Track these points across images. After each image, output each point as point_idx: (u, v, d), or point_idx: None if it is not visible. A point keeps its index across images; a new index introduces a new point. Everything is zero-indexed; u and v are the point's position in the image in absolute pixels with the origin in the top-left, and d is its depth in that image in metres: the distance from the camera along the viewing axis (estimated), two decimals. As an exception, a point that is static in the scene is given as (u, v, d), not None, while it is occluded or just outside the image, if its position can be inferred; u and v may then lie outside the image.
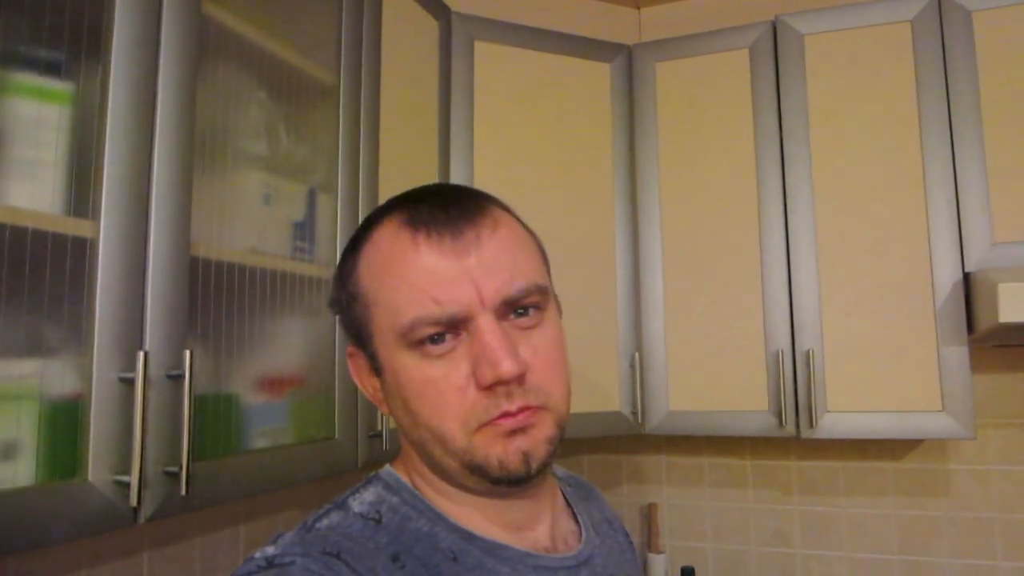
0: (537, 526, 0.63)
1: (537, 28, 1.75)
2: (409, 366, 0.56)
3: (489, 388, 0.54)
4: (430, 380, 0.56)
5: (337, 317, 0.65)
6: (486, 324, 0.55)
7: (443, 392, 0.55)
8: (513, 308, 0.57)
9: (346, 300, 0.61)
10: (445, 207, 0.57)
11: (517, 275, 0.56)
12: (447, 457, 0.57)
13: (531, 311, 0.58)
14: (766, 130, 1.72)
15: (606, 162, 1.80)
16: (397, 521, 0.59)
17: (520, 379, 0.55)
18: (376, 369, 0.60)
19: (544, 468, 0.58)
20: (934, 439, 1.82)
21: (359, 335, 0.61)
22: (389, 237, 0.58)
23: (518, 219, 0.63)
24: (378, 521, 0.58)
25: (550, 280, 0.63)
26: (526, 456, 0.56)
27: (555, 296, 0.63)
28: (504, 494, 0.60)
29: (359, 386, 0.65)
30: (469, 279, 0.55)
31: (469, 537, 0.59)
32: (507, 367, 0.53)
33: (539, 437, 0.57)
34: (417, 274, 0.55)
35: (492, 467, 0.56)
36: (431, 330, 0.55)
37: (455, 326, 0.55)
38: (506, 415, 0.55)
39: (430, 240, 0.56)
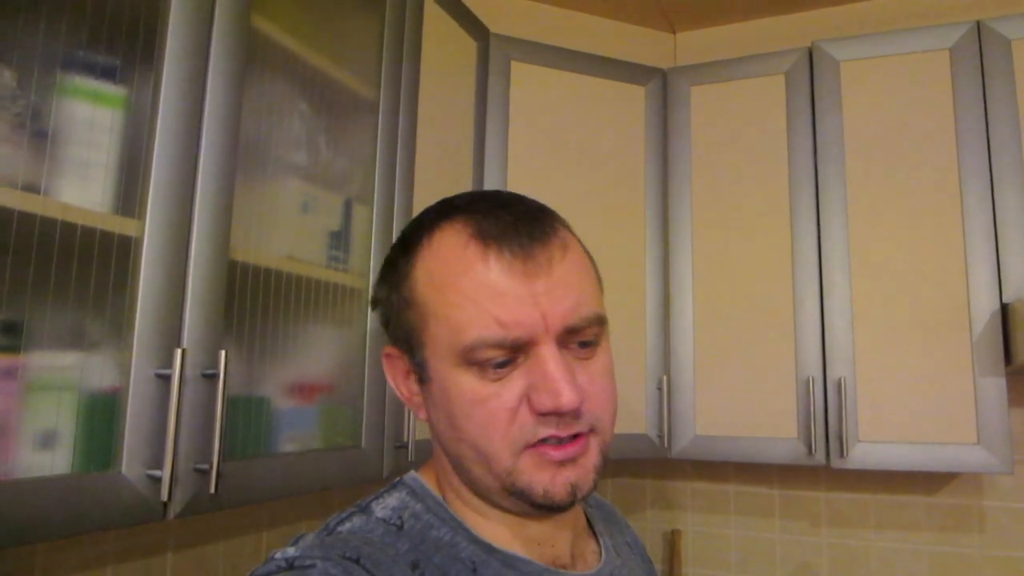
0: (558, 543, 0.63)
1: (573, 51, 1.78)
2: (461, 383, 0.55)
3: (543, 414, 0.54)
4: (482, 399, 0.54)
5: (379, 314, 0.63)
6: (548, 352, 0.54)
7: (494, 413, 0.54)
8: (574, 337, 0.55)
9: (398, 303, 0.59)
10: (516, 224, 0.55)
11: (582, 304, 0.55)
12: (488, 476, 0.57)
13: (589, 344, 0.57)
14: (800, 156, 1.72)
15: (638, 185, 1.80)
16: (419, 528, 0.58)
17: (577, 411, 0.54)
18: (421, 378, 0.59)
19: (588, 495, 0.57)
20: (969, 474, 1.77)
21: (407, 341, 0.59)
22: (454, 248, 0.55)
23: (578, 238, 0.62)
24: (399, 527, 0.58)
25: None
26: (574, 488, 0.55)
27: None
28: (537, 516, 0.60)
29: (393, 387, 0.63)
30: (535, 303, 0.53)
31: (490, 549, 0.58)
32: (568, 399, 0.52)
33: (588, 467, 0.56)
34: (483, 292, 0.53)
35: (536, 494, 0.55)
36: (492, 353, 0.53)
37: (516, 349, 0.54)
38: (555, 445, 0.55)
39: (501, 258, 0.54)
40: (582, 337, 0.56)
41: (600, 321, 0.57)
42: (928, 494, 1.82)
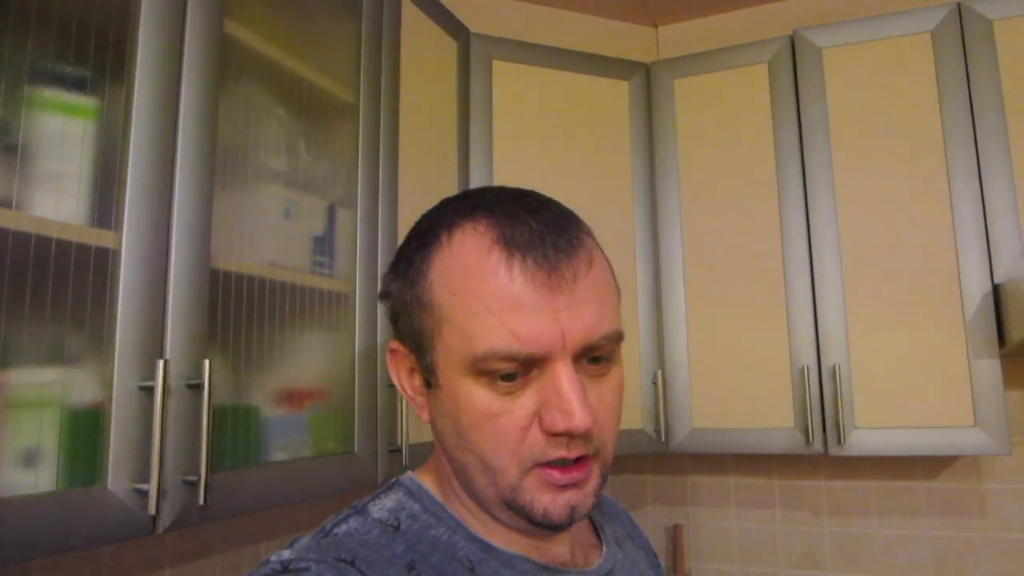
0: (557, 543, 0.62)
1: (555, 47, 1.77)
2: (471, 393, 0.54)
3: (554, 434, 0.53)
4: (493, 413, 0.53)
5: (387, 307, 0.61)
6: (564, 370, 0.52)
7: (504, 429, 0.53)
8: (590, 355, 0.54)
9: (411, 302, 0.57)
10: (542, 233, 0.53)
11: (602, 321, 0.54)
12: (490, 488, 0.56)
13: (604, 360, 0.56)
14: (786, 144, 1.71)
15: (625, 180, 1.80)
16: (416, 528, 0.58)
17: (587, 433, 0.53)
18: (428, 381, 0.58)
19: (586, 515, 0.57)
20: (968, 457, 1.77)
21: (417, 341, 0.57)
22: (475, 251, 0.54)
23: (600, 246, 0.60)
24: (396, 528, 0.58)
25: None
26: (572, 510, 0.55)
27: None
28: (532, 532, 0.59)
29: (396, 382, 0.62)
30: (555, 319, 0.52)
31: (488, 548, 0.58)
32: (581, 421, 0.51)
33: (588, 490, 0.56)
34: (502, 303, 0.52)
35: (536, 513, 0.55)
36: (504, 366, 0.52)
37: (529, 364, 0.53)
38: (561, 467, 0.54)
39: (525, 269, 0.52)
40: (598, 353, 0.55)
41: (618, 337, 0.56)
42: (928, 479, 1.82)
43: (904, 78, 1.64)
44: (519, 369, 0.52)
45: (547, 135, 1.72)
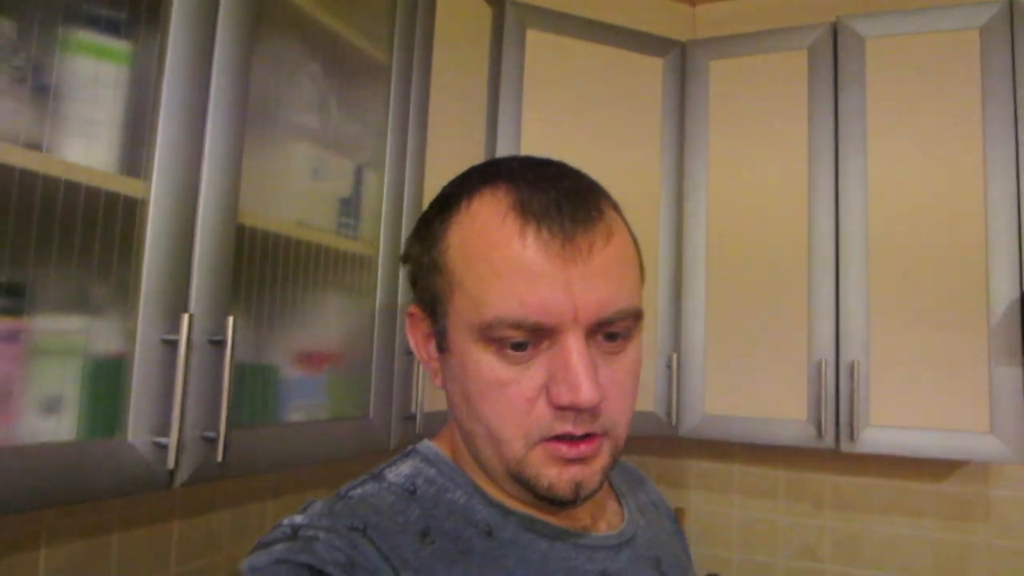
0: (576, 510, 0.61)
1: (590, 19, 1.73)
2: (480, 361, 0.53)
3: (560, 407, 0.52)
4: (500, 382, 0.52)
5: (407, 270, 0.61)
6: (575, 343, 0.51)
7: (512, 399, 0.52)
8: (604, 330, 0.53)
9: (427, 265, 0.57)
10: (560, 202, 0.52)
11: (618, 296, 0.52)
12: (496, 459, 0.55)
13: (619, 337, 0.54)
14: (821, 134, 1.68)
15: (654, 158, 1.77)
16: (432, 492, 0.57)
17: (595, 409, 0.52)
18: (440, 346, 0.57)
19: (593, 495, 0.56)
20: (977, 462, 1.75)
21: (432, 305, 0.57)
22: (492, 218, 0.53)
23: (625, 222, 0.58)
24: (412, 492, 0.57)
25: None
26: (578, 486, 0.54)
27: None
28: (538, 507, 0.58)
29: (413, 347, 0.62)
30: (567, 290, 0.50)
31: (506, 512, 0.57)
32: (587, 396, 0.50)
33: (596, 467, 0.55)
34: (513, 270, 0.51)
35: (540, 487, 0.54)
36: (511, 333, 0.51)
37: (539, 334, 0.51)
38: (569, 441, 0.53)
39: (539, 238, 0.51)
40: (613, 329, 0.53)
41: (635, 315, 0.54)
42: (935, 481, 1.81)
43: (948, 74, 1.59)
44: (528, 338, 0.51)
45: (577, 107, 1.69)
